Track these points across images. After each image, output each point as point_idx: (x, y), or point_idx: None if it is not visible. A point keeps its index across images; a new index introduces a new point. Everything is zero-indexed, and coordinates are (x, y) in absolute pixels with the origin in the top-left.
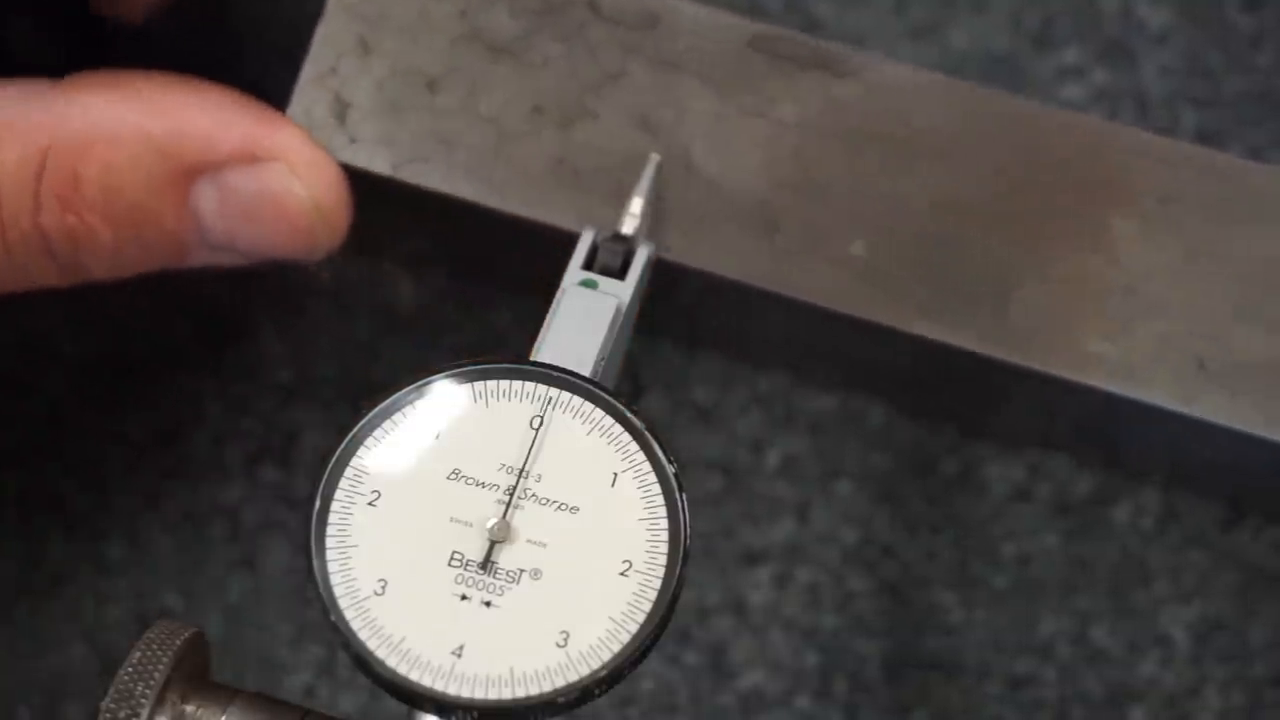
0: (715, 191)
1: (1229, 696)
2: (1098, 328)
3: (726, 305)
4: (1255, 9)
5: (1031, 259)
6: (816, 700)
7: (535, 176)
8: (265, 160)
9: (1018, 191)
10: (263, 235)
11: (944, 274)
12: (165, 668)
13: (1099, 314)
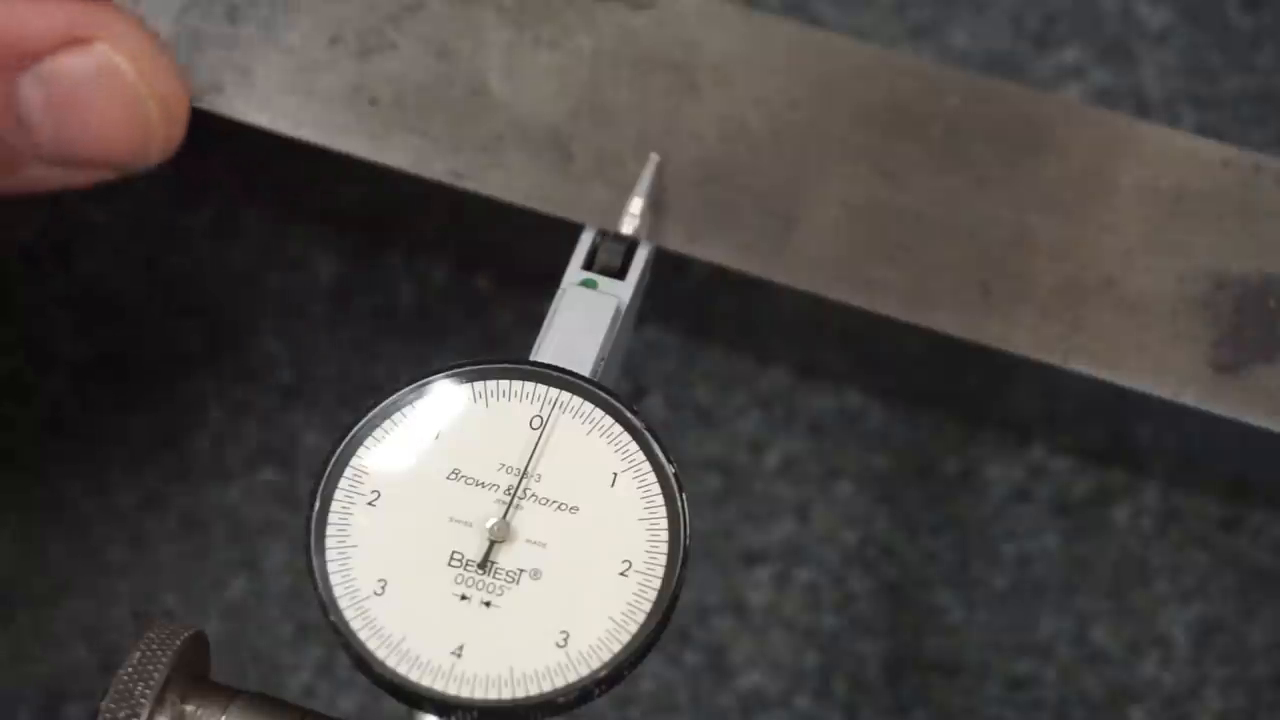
0: (511, 120)
1: (1229, 696)
2: (884, 254)
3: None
4: (1255, 9)
5: (818, 186)
6: (816, 700)
7: (333, 106)
8: (91, 42)
9: (805, 120)
10: (93, 128)
11: (731, 201)
12: (165, 668)
13: (885, 240)
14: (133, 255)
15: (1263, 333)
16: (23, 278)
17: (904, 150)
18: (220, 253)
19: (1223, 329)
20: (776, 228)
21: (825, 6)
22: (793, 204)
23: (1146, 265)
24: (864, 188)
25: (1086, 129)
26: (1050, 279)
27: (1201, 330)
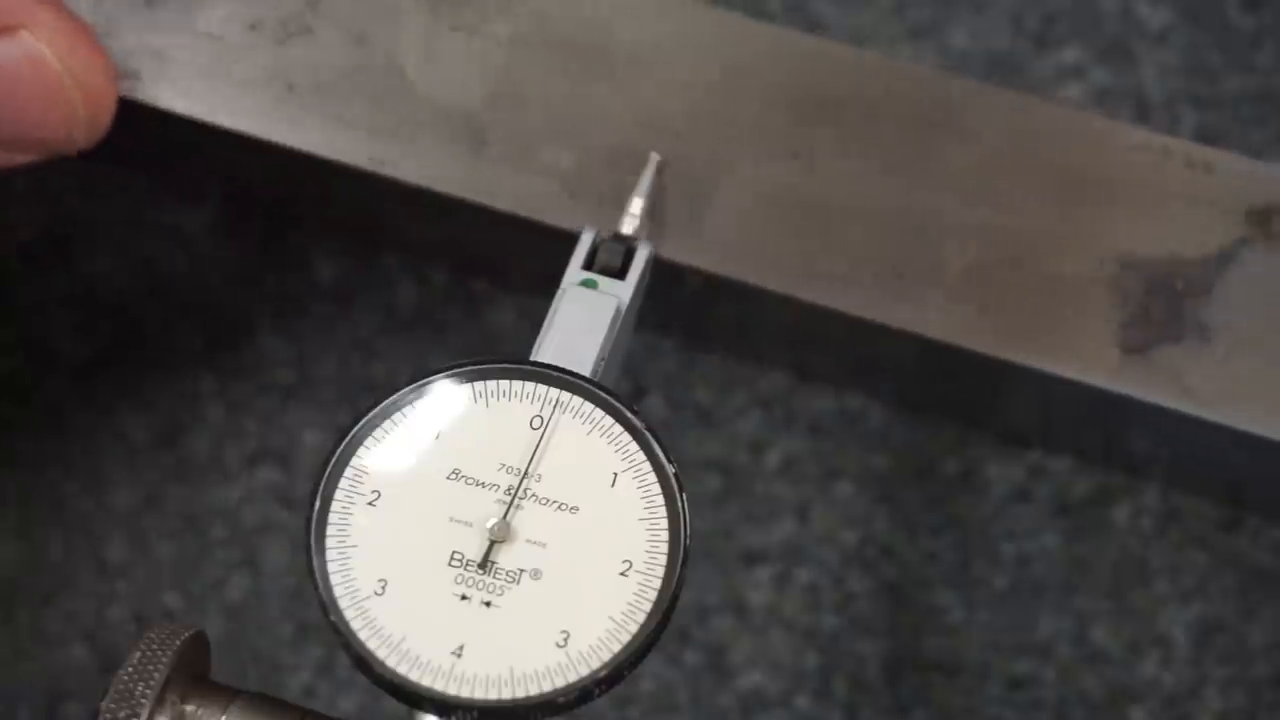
0: (428, 106)
1: (1229, 696)
2: (795, 237)
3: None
4: (1255, 9)
5: (730, 170)
6: (816, 700)
7: (251, 92)
8: (15, 31)
9: (718, 104)
10: (17, 113)
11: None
12: (165, 668)
13: (796, 224)
14: (133, 255)
15: (1170, 314)
16: (23, 278)
17: (816, 134)
18: (220, 253)
19: (1131, 310)
20: (689, 211)
21: (825, 6)
22: (705, 187)
23: (1056, 247)
24: (776, 171)
25: (999, 112)
26: (961, 261)
27: (1110, 312)
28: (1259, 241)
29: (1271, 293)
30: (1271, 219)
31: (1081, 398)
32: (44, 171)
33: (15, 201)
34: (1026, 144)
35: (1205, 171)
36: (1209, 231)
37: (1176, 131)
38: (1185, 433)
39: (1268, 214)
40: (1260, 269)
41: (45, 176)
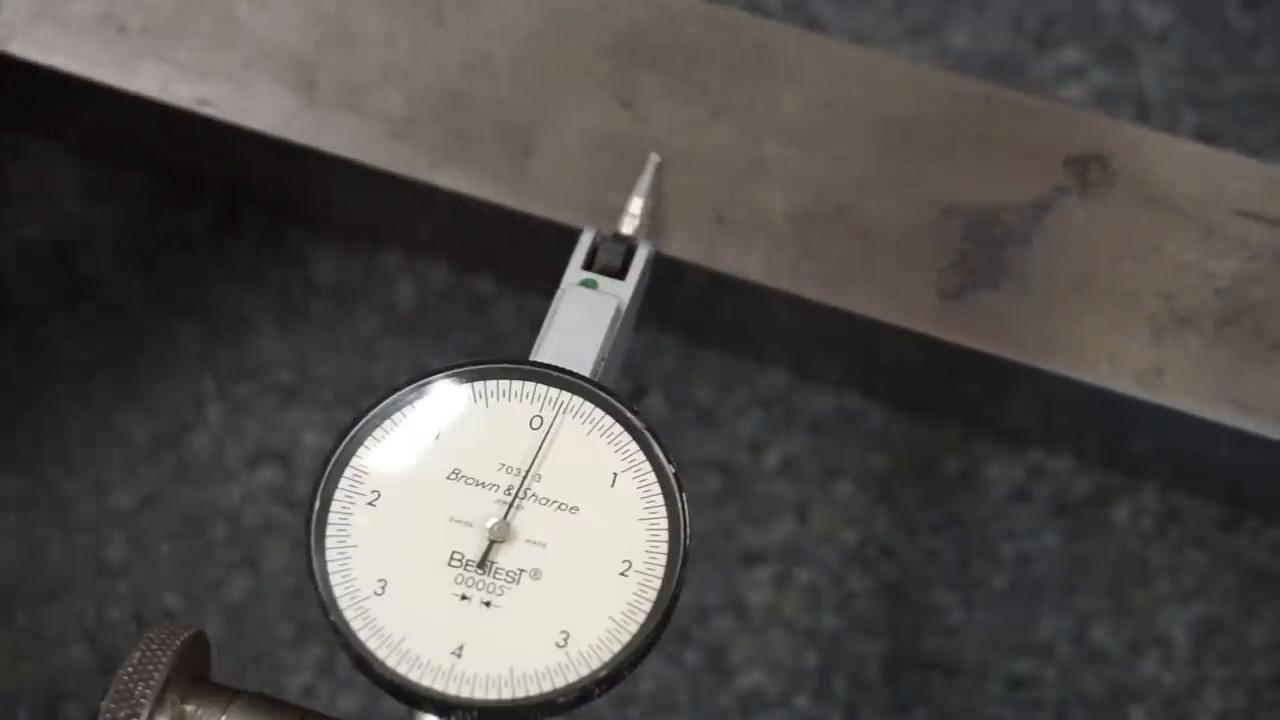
0: (258, 48)
1: (1229, 696)
2: (619, 182)
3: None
4: (1255, 9)
5: (558, 116)
6: (816, 700)
7: (83, 34)
8: None
9: (547, 50)
10: None
11: (472, 129)
12: (165, 668)
13: (622, 169)
14: (133, 255)
15: (988, 260)
16: (23, 278)
17: (643, 80)
18: (220, 253)
19: (950, 256)
20: (516, 156)
21: (825, 6)
22: (532, 133)
23: (878, 194)
24: (603, 117)
25: (825, 60)
26: (784, 206)
27: (930, 257)
28: (1076, 190)
29: (1088, 240)
30: (1089, 168)
31: (906, 345)
32: (44, 171)
33: (15, 201)
34: (852, 92)
35: (1026, 120)
36: (1028, 180)
37: (1176, 132)
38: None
39: (1085, 163)
40: (1077, 217)
41: (45, 176)
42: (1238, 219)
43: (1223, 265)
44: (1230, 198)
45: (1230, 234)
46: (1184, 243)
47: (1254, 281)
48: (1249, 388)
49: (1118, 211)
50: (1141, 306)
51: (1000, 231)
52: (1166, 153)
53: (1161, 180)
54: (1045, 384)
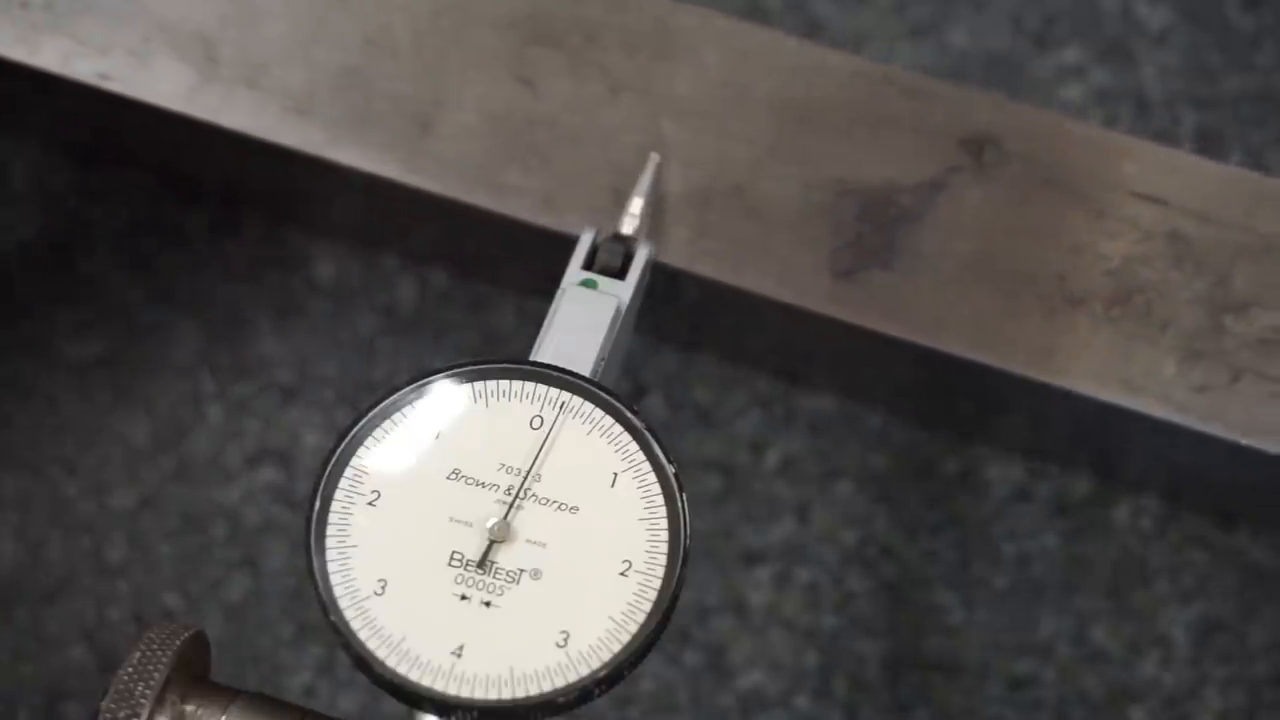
0: (160, 24)
1: (1229, 696)
2: (517, 159)
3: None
4: (1255, 9)
5: (456, 93)
6: (816, 700)
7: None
8: None
9: (447, 27)
10: None
11: (371, 106)
12: (165, 668)
13: (520, 146)
14: (133, 255)
15: (882, 240)
16: (23, 278)
17: (543, 59)
18: (220, 253)
19: (845, 236)
20: (414, 132)
21: (825, 6)
22: (431, 109)
23: (774, 173)
24: (502, 95)
25: (721, 40)
26: (680, 185)
27: (824, 236)
28: (970, 170)
29: (981, 220)
30: (984, 148)
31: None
32: (44, 171)
33: (15, 201)
34: (750, 72)
35: (922, 101)
36: (923, 160)
37: (1176, 132)
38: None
39: (980, 143)
40: (972, 197)
41: (45, 176)
42: (1131, 200)
43: (1115, 246)
44: (1124, 179)
45: (1123, 215)
46: (1077, 224)
47: (1144, 263)
48: (1137, 368)
49: (1012, 192)
50: (1033, 287)
51: (895, 211)
52: (1061, 134)
53: (1056, 161)
54: (942, 365)
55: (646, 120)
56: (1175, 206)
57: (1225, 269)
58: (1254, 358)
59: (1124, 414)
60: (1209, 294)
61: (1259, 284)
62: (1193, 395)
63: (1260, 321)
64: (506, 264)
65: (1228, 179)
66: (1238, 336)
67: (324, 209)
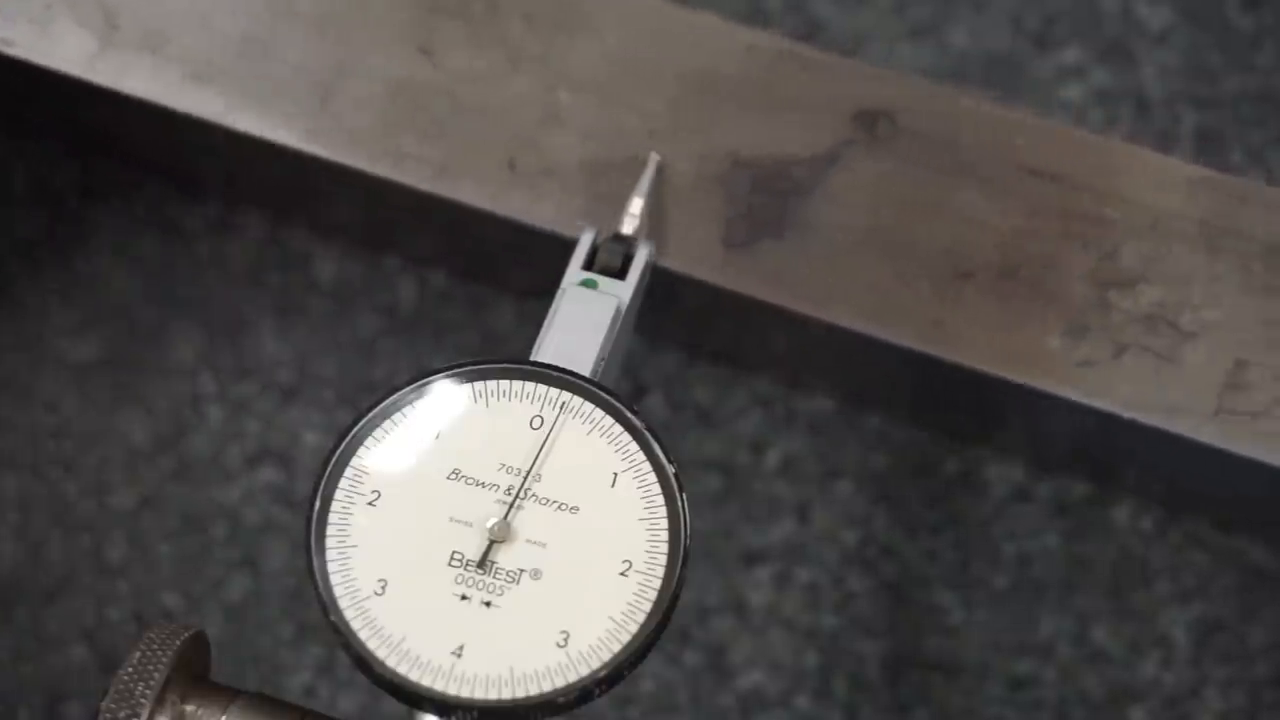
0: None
1: (1229, 696)
2: (415, 128)
3: None
4: (1255, 9)
5: (358, 62)
6: (816, 700)
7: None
8: None
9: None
10: None
11: (273, 74)
12: (165, 668)
13: (418, 115)
14: (133, 255)
15: (775, 212)
16: (23, 278)
17: (443, 28)
18: (220, 253)
19: (738, 207)
20: (315, 101)
21: (825, 6)
22: (332, 78)
23: (670, 144)
24: (402, 64)
25: (620, 11)
26: (576, 156)
27: (718, 207)
28: (863, 144)
29: (873, 193)
30: (878, 122)
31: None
32: (44, 171)
33: (15, 201)
34: (647, 44)
35: (817, 74)
36: (817, 132)
37: (1176, 132)
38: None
39: (874, 117)
40: (865, 170)
41: (45, 176)
42: (1021, 174)
43: (1004, 220)
44: (1016, 154)
45: (1013, 190)
46: (968, 198)
47: (1033, 237)
48: (1022, 341)
49: (904, 166)
50: (923, 259)
51: (788, 184)
52: (954, 109)
53: (948, 136)
54: (834, 336)
55: (544, 91)
56: (1065, 182)
57: (1113, 245)
58: (1139, 333)
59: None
60: (1096, 269)
61: (1145, 260)
62: (1077, 369)
63: (1146, 297)
64: (506, 266)
65: (1117, 155)
66: (1123, 312)
67: (325, 209)
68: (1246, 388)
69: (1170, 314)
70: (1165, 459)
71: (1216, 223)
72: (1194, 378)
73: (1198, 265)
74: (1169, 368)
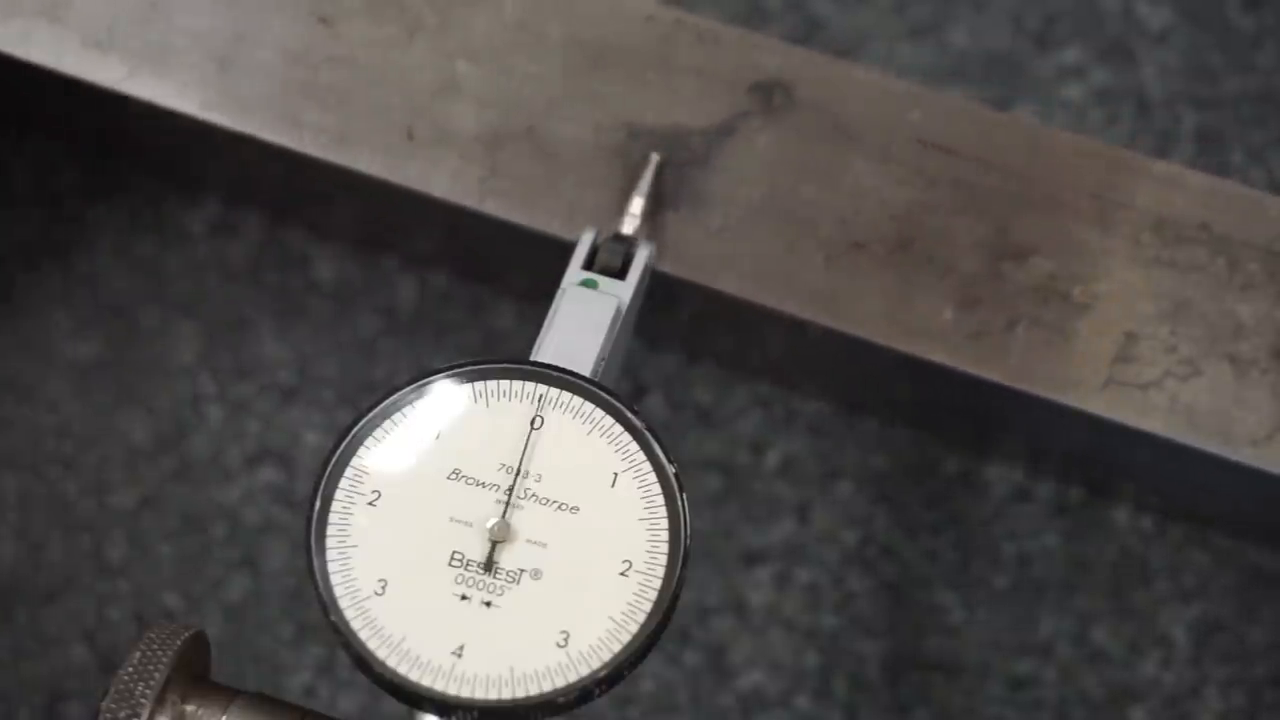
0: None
1: (1229, 696)
2: (314, 96)
3: None
4: (1255, 9)
5: (256, 31)
6: (816, 700)
7: None
8: None
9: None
10: None
11: (171, 42)
12: (165, 668)
13: (317, 84)
14: (133, 255)
15: (671, 183)
16: (23, 277)
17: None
18: (220, 253)
19: (634, 178)
20: (213, 70)
21: (825, 6)
22: (230, 47)
23: (566, 114)
24: (300, 33)
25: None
26: (473, 125)
27: (614, 178)
28: (759, 115)
29: (769, 165)
30: (773, 93)
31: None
32: (44, 171)
33: (15, 201)
34: (545, 14)
35: (714, 46)
36: (713, 104)
37: (1176, 132)
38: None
39: (770, 89)
40: (760, 142)
41: (45, 177)
42: (916, 148)
43: (899, 192)
44: (910, 127)
45: (908, 162)
46: (862, 170)
47: (927, 209)
48: (915, 312)
49: (799, 137)
50: (817, 231)
51: (684, 155)
52: (850, 81)
53: (844, 108)
54: (724, 307)
55: (442, 60)
56: (960, 154)
57: (1005, 217)
58: (1030, 305)
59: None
60: (989, 241)
61: (1037, 232)
62: (969, 340)
63: (1037, 269)
64: (505, 267)
65: (1011, 129)
66: (1015, 284)
67: (325, 209)
68: (1136, 360)
69: (1062, 286)
70: (1057, 431)
71: (1108, 196)
72: (1085, 350)
73: (1089, 238)
74: (1060, 340)
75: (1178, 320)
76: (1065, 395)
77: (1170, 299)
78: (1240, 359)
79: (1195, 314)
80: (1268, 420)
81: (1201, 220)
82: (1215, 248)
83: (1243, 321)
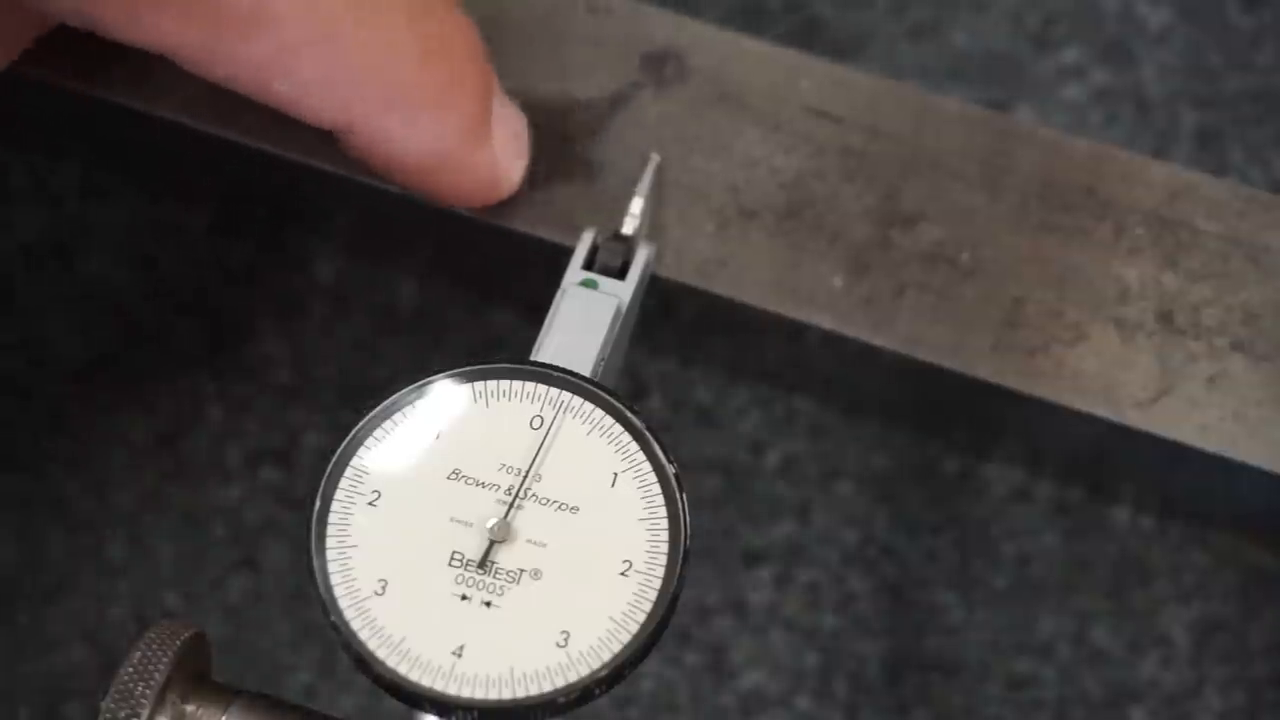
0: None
1: (1229, 696)
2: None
3: None
4: (1255, 9)
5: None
6: (816, 700)
7: None
8: (488, 135)
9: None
10: (447, 189)
11: None
12: (165, 668)
13: None
14: (133, 255)
15: (561, 153)
16: (23, 278)
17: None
18: (220, 253)
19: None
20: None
21: (825, 6)
22: None
23: None
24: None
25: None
26: None
27: None
28: (651, 86)
29: (660, 135)
30: (665, 64)
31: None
32: (44, 172)
33: (15, 201)
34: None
35: (604, 16)
36: (604, 74)
37: (1176, 132)
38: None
39: (662, 59)
40: (651, 113)
41: (45, 177)
42: (805, 116)
43: (788, 161)
44: (799, 95)
45: (797, 130)
46: (752, 138)
47: (816, 177)
48: (805, 279)
49: (690, 107)
50: (707, 200)
51: (574, 126)
52: (740, 51)
53: (734, 78)
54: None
55: None
56: (848, 122)
57: (894, 184)
58: (918, 271)
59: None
60: (878, 208)
61: (925, 198)
62: (859, 307)
63: (926, 236)
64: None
65: (898, 96)
66: (904, 250)
67: (325, 209)
68: (1023, 325)
69: (949, 252)
70: (947, 396)
71: (995, 161)
72: (972, 316)
73: (977, 204)
74: (947, 305)
75: (1064, 285)
76: (953, 360)
77: (1057, 264)
78: (1126, 323)
79: (1082, 279)
80: (1153, 384)
81: (1087, 185)
82: (1100, 212)
83: (1129, 285)
